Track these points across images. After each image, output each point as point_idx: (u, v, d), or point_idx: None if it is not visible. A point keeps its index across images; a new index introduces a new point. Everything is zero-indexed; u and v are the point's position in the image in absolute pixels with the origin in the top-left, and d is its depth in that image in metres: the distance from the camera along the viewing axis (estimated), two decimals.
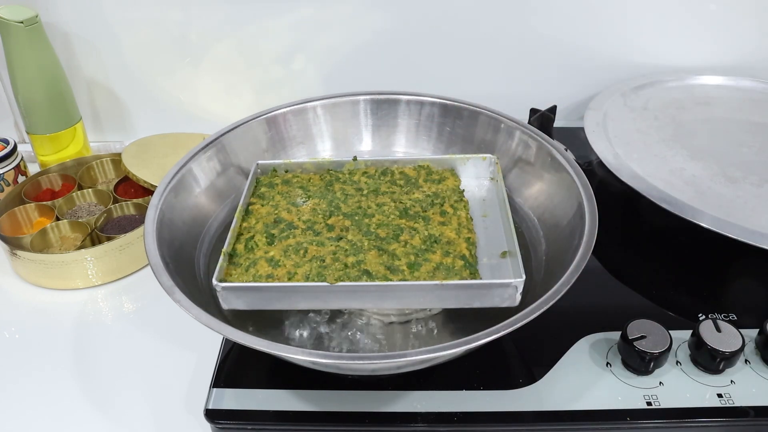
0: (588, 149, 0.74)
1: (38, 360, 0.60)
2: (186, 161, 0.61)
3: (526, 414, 0.50)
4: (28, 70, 0.78)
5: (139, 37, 0.88)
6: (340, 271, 0.51)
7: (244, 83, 0.93)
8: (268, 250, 0.54)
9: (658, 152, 0.74)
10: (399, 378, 0.53)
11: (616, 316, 0.56)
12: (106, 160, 0.84)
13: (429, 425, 0.50)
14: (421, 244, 0.54)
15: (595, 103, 0.83)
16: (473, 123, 0.69)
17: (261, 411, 0.51)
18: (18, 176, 0.81)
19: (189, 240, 0.58)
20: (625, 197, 0.67)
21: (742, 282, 0.65)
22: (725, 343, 0.51)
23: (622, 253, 0.69)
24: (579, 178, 0.56)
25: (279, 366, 0.54)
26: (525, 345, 0.56)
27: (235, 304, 0.50)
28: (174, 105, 0.95)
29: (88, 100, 0.94)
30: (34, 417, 0.55)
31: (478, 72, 0.92)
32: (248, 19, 0.87)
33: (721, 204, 0.65)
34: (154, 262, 0.49)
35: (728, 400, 0.51)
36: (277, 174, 0.65)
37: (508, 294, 0.48)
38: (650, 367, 0.52)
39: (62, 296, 0.68)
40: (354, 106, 0.71)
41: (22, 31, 0.76)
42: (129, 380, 0.58)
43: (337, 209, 0.58)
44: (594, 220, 0.52)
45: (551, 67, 0.92)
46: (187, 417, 0.54)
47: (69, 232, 0.73)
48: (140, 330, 0.64)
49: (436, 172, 0.64)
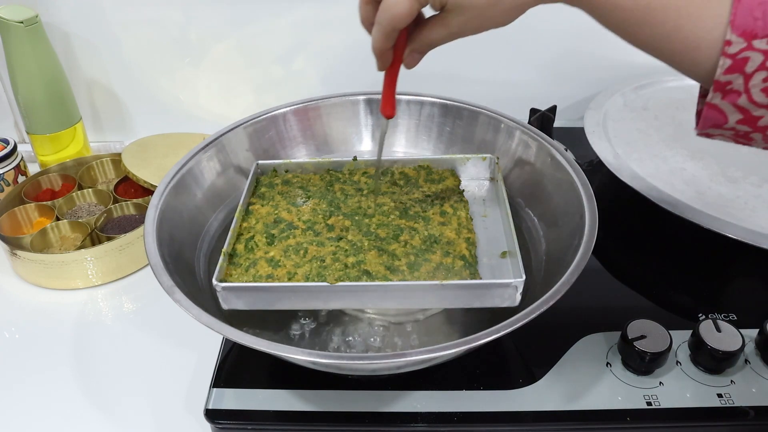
0: (588, 149, 0.74)
1: (38, 360, 0.60)
2: (186, 161, 0.61)
3: (526, 414, 0.50)
4: (28, 70, 0.78)
5: (139, 37, 0.88)
6: (340, 271, 0.51)
7: (244, 83, 0.93)
8: (268, 250, 0.54)
9: (658, 152, 0.74)
10: (399, 378, 0.53)
11: (616, 316, 0.56)
12: (106, 160, 0.84)
13: (429, 425, 0.50)
14: (421, 244, 0.54)
15: (595, 103, 0.83)
16: (473, 123, 0.69)
17: (261, 411, 0.51)
18: (18, 176, 0.81)
19: (189, 240, 0.58)
20: (625, 197, 0.67)
21: (742, 282, 0.65)
22: (725, 343, 0.51)
23: (622, 253, 0.69)
24: (579, 178, 0.56)
25: (279, 366, 0.54)
26: (525, 345, 0.56)
27: (235, 304, 0.50)
28: (174, 105, 0.95)
29: (88, 100, 0.94)
30: (34, 417, 0.55)
31: (478, 72, 0.92)
32: (248, 19, 0.87)
33: (721, 204, 0.65)
34: (154, 262, 0.49)
35: (728, 400, 0.51)
36: (277, 174, 0.65)
37: (508, 294, 0.48)
38: (650, 367, 0.52)
39: (62, 296, 0.68)
40: (353, 106, 0.71)
41: (22, 31, 0.76)
42: (129, 380, 0.58)
43: (337, 209, 0.58)
44: (594, 220, 0.52)
45: (551, 67, 0.92)
46: (187, 417, 0.54)
47: (69, 232, 0.73)
48: (140, 330, 0.64)
49: (436, 172, 0.64)
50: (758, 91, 0.37)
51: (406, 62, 0.47)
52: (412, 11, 0.41)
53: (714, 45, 0.37)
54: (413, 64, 0.47)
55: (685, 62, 0.39)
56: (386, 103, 0.50)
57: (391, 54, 0.46)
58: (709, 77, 0.38)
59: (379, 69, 0.47)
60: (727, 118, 0.39)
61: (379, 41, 0.44)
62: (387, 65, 0.47)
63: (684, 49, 0.38)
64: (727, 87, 0.38)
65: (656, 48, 0.40)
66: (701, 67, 0.38)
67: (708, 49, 0.37)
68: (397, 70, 0.47)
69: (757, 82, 0.37)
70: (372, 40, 0.44)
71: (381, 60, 0.46)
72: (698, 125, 0.42)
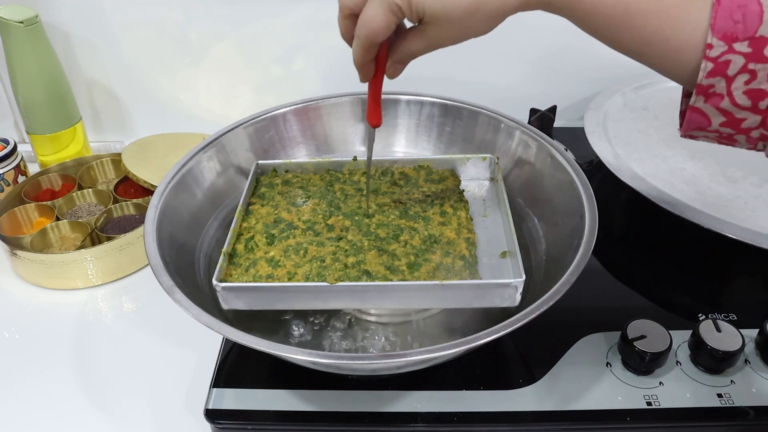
0: (588, 149, 0.74)
1: (38, 360, 0.60)
2: (186, 161, 0.61)
3: (526, 414, 0.50)
4: (28, 70, 0.78)
5: (139, 37, 0.88)
6: (340, 271, 0.51)
7: (244, 83, 0.93)
8: (268, 250, 0.54)
9: (658, 152, 0.74)
10: (399, 378, 0.53)
11: (616, 316, 0.56)
12: (106, 160, 0.84)
13: (429, 425, 0.50)
14: (421, 244, 0.54)
15: (595, 103, 0.83)
16: (473, 123, 0.69)
17: (261, 411, 0.51)
18: (18, 176, 0.81)
19: (189, 240, 0.58)
20: (625, 197, 0.67)
21: (742, 282, 0.65)
22: (725, 343, 0.51)
23: (622, 253, 0.69)
24: (579, 178, 0.56)
25: (279, 366, 0.54)
26: (525, 345, 0.56)
27: (235, 304, 0.50)
28: (174, 105, 0.95)
29: (88, 100, 0.94)
30: (34, 417, 0.55)
31: (478, 72, 0.92)
32: (248, 19, 0.87)
33: (721, 204, 0.65)
34: (154, 262, 0.49)
35: (728, 400, 0.51)
36: (277, 174, 0.65)
37: (508, 294, 0.48)
38: (650, 367, 0.52)
39: (62, 296, 0.68)
40: (354, 106, 0.71)
41: (22, 31, 0.76)
42: (129, 380, 0.58)
43: (337, 209, 0.58)
44: (594, 220, 0.52)
45: (551, 67, 0.92)
46: (187, 417, 0.54)
47: (69, 232, 0.73)
48: (140, 330, 0.64)
49: (436, 172, 0.64)
50: (740, 93, 0.37)
51: (389, 73, 0.47)
52: (389, 25, 0.41)
53: (695, 48, 0.37)
54: (396, 74, 0.47)
55: (667, 65, 0.39)
56: (372, 113, 0.51)
57: (372, 66, 0.46)
58: (692, 80, 0.38)
59: (362, 81, 0.48)
60: (710, 120, 0.39)
61: (359, 55, 0.44)
62: (369, 77, 0.47)
63: (666, 52, 0.38)
64: (710, 90, 0.38)
65: (639, 52, 0.40)
66: (684, 69, 0.38)
67: (690, 53, 0.37)
68: (380, 80, 0.48)
69: (739, 85, 0.37)
70: (353, 53, 0.45)
71: (363, 72, 0.47)
72: (682, 127, 0.42)
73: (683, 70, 0.38)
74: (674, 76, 0.40)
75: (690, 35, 0.37)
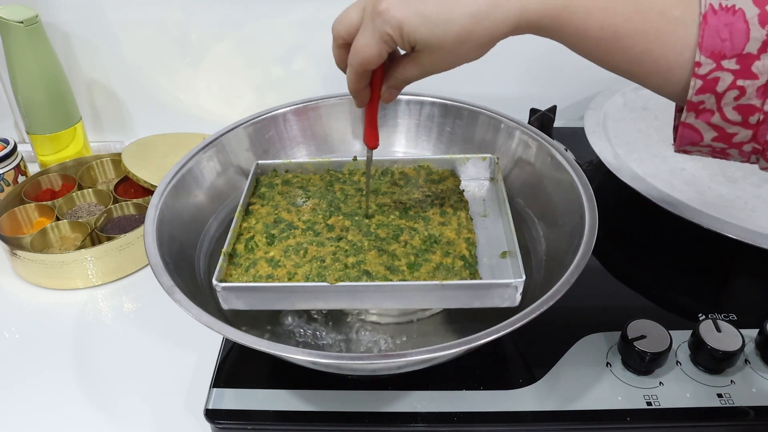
0: (588, 149, 0.74)
1: (38, 360, 0.60)
2: (186, 161, 0.61)
3: (526, 414, 0.50)
4: (28, 70, 0.78)
5: (139, 37, 0.88)
6: (340, 271, 0.51)
7: (244, 83, 0.93)
8: (268, 250, 0.54)
9: (658, 152, 0.74)
10: (399, 378, 0.53)
11: (616, 316, 0.56)
12: (106, 160, 0.84)
13: (429, 425, 0.50)
14: (421, 245, 0.54)
15: (595, 103, 0.83)
16: (473, 123, 0.69)
17: (261, 411, 0.51)
18: (18, 176, 0.81)
19: (189, 240, 0.58)
20: (625, 197, 0.67)
21: (742, 282, 0.65)
22: (725, 343, 0.51)
23: (622, 253, 0.69)
24: (579, 178, 0.56)
25: (279, 366, 0.54)
26: (525, 345, 0.56)
27: (235, 304, 0.50)
28: (174, 105, 0.95)
29: (88, 100, 0.94)
30: (34, 417, 0.55)
31: (478, 72, 0.92)
32: (248, 19, 0.87)
33: (721, 204, 0.65)
34: (154, 262, 0.49)
35: (728, 400, 0.51)
36: (277, 174, 0.65)
37: (508, 294, 0.48)
38: (650, 367, 0.52)
39: (62, 296, 0.68)
40: (354, 106, 0.71)
41: (22, 31, 0.76)
42: (129, 380, 0.58)
43: (337, 209, 0.58)
44: (594, 220, 0.52)
45: (551, 67, 0.92)
46: (187, 417, 0.54)
47: (69, 232, 0.73)
48: (140, 330, 0.64)
49: (436, 172, 0.64)
50: (730, 109, 0.37)
51: (384, 98, 0.48)
52: (381, 54, 0.42)
53: (684, 66, 0.37)
54: (390, 99, 0.48)
55: (658, 83, 0.40)
56: (369, 135, 0.51)
57: (367, 92, 0.47)
58: (682, 96, 0.39)
59: (358, 106, 0.49)
60: (702, 136, 0.40)
61: (353, 82, 0.45)
62: (365, 103, 0.48)
63: (655, 71, 0.39)
64: (700, 107, 0.38)
65: (629, 71, 0.41)
66: (674, 87, 0.39)
67: (679, 71, 0.38)
68: (376, 105, 0.48)
69: (729, 101, 0.37)
70: (347, 81, 0.46)
71: (358, 98, 0.47)
72: (675, 143, 0.42)
73: (674, 87, 0.39)
74: (665, 93, 0.40)
75: (679, 54, 0.37)
